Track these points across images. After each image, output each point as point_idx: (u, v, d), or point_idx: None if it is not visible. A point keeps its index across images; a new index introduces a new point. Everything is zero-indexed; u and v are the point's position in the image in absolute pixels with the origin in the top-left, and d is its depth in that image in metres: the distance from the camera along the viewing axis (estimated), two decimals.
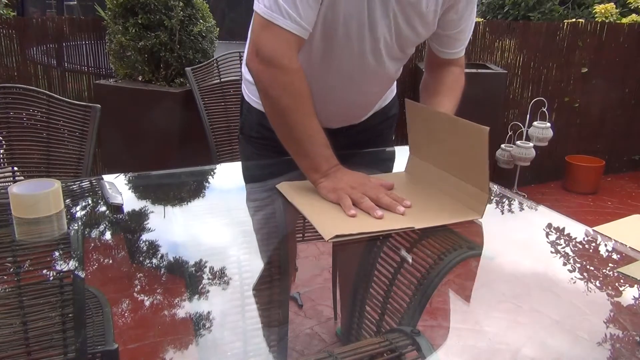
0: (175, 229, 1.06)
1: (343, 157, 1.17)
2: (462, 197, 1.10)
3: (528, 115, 3.66)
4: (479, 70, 3.44)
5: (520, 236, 1.09)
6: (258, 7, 1.09)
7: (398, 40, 1.22)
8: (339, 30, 1.16)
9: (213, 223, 1.10)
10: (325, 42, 1.19)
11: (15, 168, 1.59)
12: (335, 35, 1.17)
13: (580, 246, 1.04)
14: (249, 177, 1.39)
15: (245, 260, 0.99)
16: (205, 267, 0.90)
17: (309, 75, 1.17)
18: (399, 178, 1.24)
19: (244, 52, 2.59)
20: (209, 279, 0.88)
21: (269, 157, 1.32)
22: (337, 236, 0.96)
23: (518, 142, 3.64)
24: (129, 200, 1.13)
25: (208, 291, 0.84)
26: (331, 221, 1.01)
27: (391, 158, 1.47)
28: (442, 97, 1.29)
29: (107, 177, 1.21)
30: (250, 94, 1.44)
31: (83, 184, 1.29)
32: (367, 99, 1.39)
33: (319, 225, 1.00)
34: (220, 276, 0.89)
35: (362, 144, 1.47)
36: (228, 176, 1.40)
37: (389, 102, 1.52)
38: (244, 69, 1.43)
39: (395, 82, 1.51)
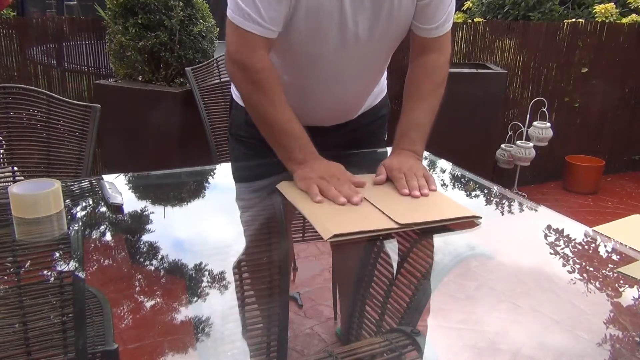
0: (175, 229, 1.06)
1: (335, 157, 1.18)
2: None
3: (528, 115, 3.66)
4: (479, 70, 3.44)
5: (520, 236, 1.09)
6: (228, 11, 1.16)
7: (372, 30, 1.21)
8: (315, 24, 1.17)
9: (213, 223, 1.10)
10: (304, 38, 1.20)
11: (15, 168, 1.59)
12: (312, 30, 1.18)
13: (580, 246, 1.04)
14: (238, 177, 1.39)
15: (245, 261, 0.99)
16: (205, 267, 0.90)
17: (296, 71, 1.19)
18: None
19: None
20: (209, 279, 0.88)
21: (258, 157, 1.32)
22: (335, 235, 0.95)
23: (518, 142, 3.64)
24: (129, 200, 1.13)
25: (208, 291, 0.84)
26: (330, 220, 1.01)
27: (383, 159, 1.46)
28: (415, 108, 1.29)
29: (107, 177, 1.21)
30: (237, 92, 1.45)
31: (83, 184, 1.29)
32: (356, 94, 1.38)
33: (318, 224, 1.00)
34: (220, 276, 0.89)
35: (354, 144, 1.46)
36: (228, 176, 1.40)
37: (379, 102, 1.51)
38: None
39: (385, 82, 1.51)
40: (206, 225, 1.09)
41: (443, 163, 1.43)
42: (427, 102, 1.29)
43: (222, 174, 1.41)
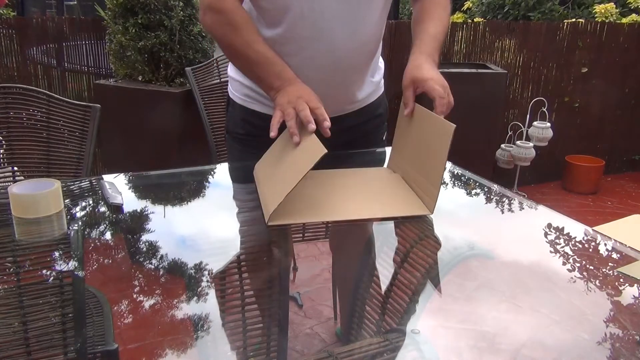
0: (175, 229, 1.06)
1: (332, 158, 1.18)
2: (419, 192, 1.14)
3: (528, 115, 3.66)
4: (479, 70, 3.44)
5: (520, 236, 1.09)
6: None
7: None
8: None
9: (213, 223, 1.10)
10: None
11: (15, 168, 1.59)
12: None
13: (580, 246, 1.04)
14: (235, 176, 1.39)
15: (245, 260, 0.99)
16: (205, 267, 0.90)
17: (292, 38, 1.22)
18: (379, 173, 1.28)
19: None
20: (208, 279, 0.88)
21: (255, 155, 1.31)
22: (274, 218, 0.99)
23: (518, 142, 3.64)
24: (129, 200, 1.13)
25: (208, 291, 0.84)
26: (276, 204, 1.01)
27: (382, 159, 1.45)
28: (425, 23, 1.30)
29: (107, 177, 1.21)
30: (234, 90, 1.44)
31: (83, 184, 1.29)
32: (350, 58, 1.31)
33: (265, 206, 1.04)
34: (220, 276, 0.89)
35: (350, 144, 1.43)
36: (228, 176, 1.40)
37: (376, 100, 1.48)
38: (229, 68, 1.46)
39: (382, 80, 1.49)
40: (206, 225, 1.09)
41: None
42: (438, 19, 1.31)
43: (222, 174, 1.41)
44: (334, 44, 1.26)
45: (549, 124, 3.58)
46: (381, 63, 1.49)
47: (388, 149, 1.36)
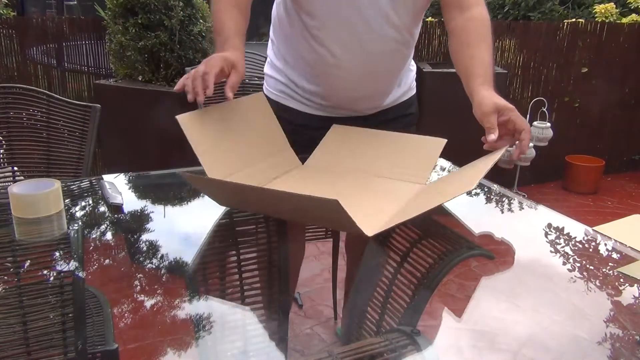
0: (175, 229, 1.06)
1: None
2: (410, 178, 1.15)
3: (528, 115, 3.66)
4: None
5: (520, 236, 1.09)
6: None
7: None
8: None
9: (213, 223, 1.10)
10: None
11: (15, 168, 1.59)
12: None
13: (580, 246, 1.04)
14: None
15: (245, 260, 0.99)
16: (205, 267, 0.90)
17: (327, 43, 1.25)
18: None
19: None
20: (208, 279, 0.88)
21: None
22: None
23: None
24: (129, 200, 1.13)
25: (208, 291, 0.84)
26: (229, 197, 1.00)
27: None
28: (479, 49, 1.21)
29: (107, 177, 1.21)
30: (269, 87, 1.48)
31: (83, 184, 1.29)
32: (383, 55, 1.33)
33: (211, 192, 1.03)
34: (220, 276, 0.89)
35: None
36: None
37: (408, 99, 1.50)
38: (266, 66, 1.50)
39: (414, 81, 1.51)
40: (206, 225, 1.09)
41: (443, 162, 1.43)
42: (487, 45, 1.23)
43: None
44: (367, 48, 1.29)
45: (549, 124, 3.58)
46: (412, 66, 1.51)
47: None
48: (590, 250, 1.04)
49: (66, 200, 1.09)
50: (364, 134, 1.30)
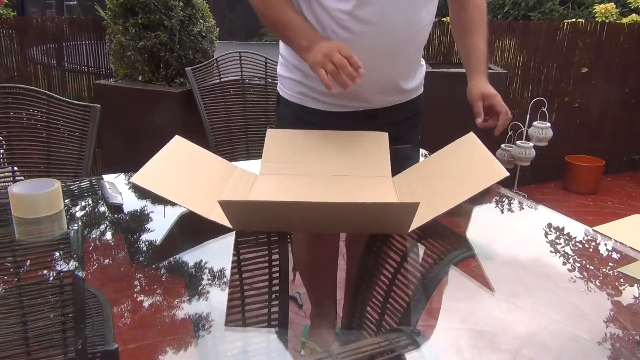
0: (175, 228, 1.06)
1: None
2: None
3: (528, 115, 3.66)
4: None
5: (520, 236, 1.09)
6: None
7: None
8: None
9: (213, 223, 1.10)
10: None
11: (15, 168, 1.59)
12: None
13: (580, 246, 1.04)
14: None
15: (245, 260, 0.99)
16: (205, 267, 0.90)
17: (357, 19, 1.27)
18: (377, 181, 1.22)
19: (239, 52, 2.58)
20: (208, 279, 0.88)
21: None
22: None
23: (518, 142, 3.63)
24: (129, 200, 1.13)
25: (208, 291, 0.84)
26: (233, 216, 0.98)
27: (416, 157, 1.46)
28: (473, 37, 1.42)
29: (107, 177, 1.21)
30: (286, 89, 1.47)
31: (83, 184, 1.29)
32: (405, 48, 1.37)
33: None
34: (220, 276, 0.89)
35: (392, 140, 1.42)
36: None
37: (418, 96, 1.50)
38: (279, 68, 1.51)
39: (422, 79, 1.51)
40: (206, 225, 1.09)
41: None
42: (483, 32, 1.43)
43: None
44: (393, 29, 1.31)
45: (549, 124, 3.58)
46: (422, 61, 1.52)
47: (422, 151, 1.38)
48: (590, 250, 1.04)
49: (66, 200, 1.09)
50: (304, 135, 1.33)
